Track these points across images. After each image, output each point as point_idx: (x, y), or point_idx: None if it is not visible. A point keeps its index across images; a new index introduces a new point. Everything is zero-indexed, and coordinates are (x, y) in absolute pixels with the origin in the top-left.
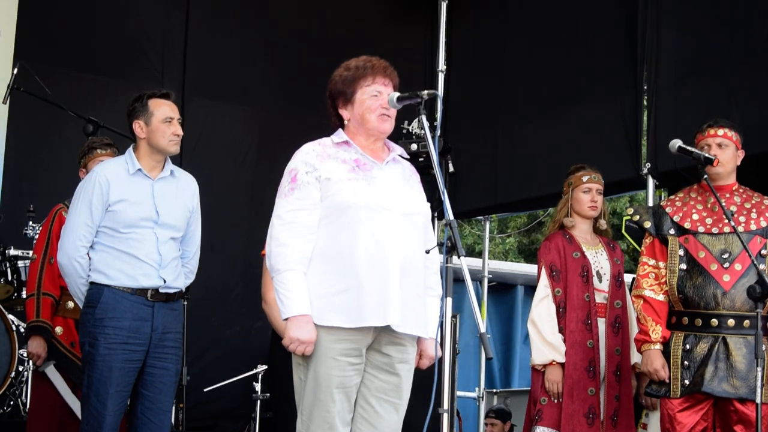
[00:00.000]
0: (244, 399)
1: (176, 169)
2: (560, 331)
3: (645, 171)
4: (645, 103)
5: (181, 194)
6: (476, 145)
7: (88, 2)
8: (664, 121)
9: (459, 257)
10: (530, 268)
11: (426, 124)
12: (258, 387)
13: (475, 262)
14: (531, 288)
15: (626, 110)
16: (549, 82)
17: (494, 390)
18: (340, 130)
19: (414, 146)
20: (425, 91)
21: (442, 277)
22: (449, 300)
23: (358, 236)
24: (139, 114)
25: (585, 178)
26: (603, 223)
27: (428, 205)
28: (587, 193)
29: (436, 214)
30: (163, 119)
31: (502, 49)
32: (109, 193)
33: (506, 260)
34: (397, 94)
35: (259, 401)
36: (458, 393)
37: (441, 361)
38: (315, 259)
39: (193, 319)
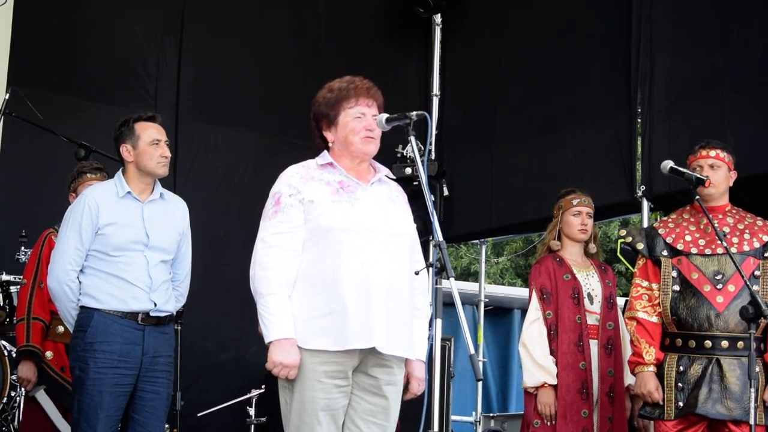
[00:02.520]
0: (239, 424)
1: (166, 192)
2: (552, 353)
3: (639, 194)
4: (639, 126)
5: (171, 217)
6: (471, 169)
7: (80, 27)
8: (659, 143)
9: (448, 278)
10: (527, 292)
11: (415, 145)
12: (252, 411)
13: (472, 287)
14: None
15: (620, 133)
16: (543, 106)
17: (491, 414)
18: (324, 152)
19: (408, 170)
20: (414, 113)
21: (433, 299)
22: (439, 321)
23: (342, 258)
24: (125, 138)
25: (575, 202)
26: (593, 247)
27: (414, 225)
28: (577, 216)
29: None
30: (149, 142)
31: (496, 72)
32: (99, 217)
33: (502, 280)
34: (386, 115)
35: (253, 426)
36: (455, 417)
37: (431, 382)
38: (299, 281)
39: (187, 344)
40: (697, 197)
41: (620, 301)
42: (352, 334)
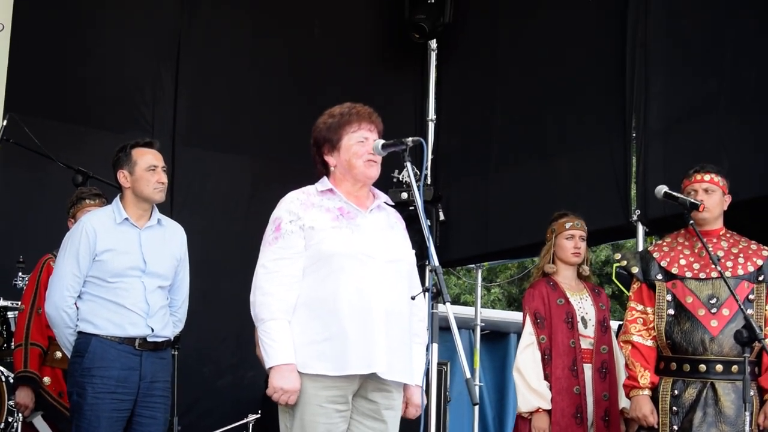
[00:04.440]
0: None
1: (163, 217)
2: (546, 378)
3: (635, 218)
4: (634, 150)
5: (168, 243)
6: (466, 194)
7: (77, 54)
8: (653, 168)
9: (444, 303)
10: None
11: (411, 170)
12: None
13: (468, 311)
14: None
15: (615, 158)
16: (538, 130)
17: None
18: (324, 178)
19: (404, 195)
20: (410, 138)
21: (429, 324)
22: (435, 346)
23: (342, 284)
24: (123, 164)
25: (568, 225)
26: (586, 269)
27: (413, 251)
28: (570, 240)
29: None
30: (146, 167)
31: (491, 97)
32: (96, 243)
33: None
34: (382, 141)
35: None
36: None
37: (428, 407)
38: (300, 307)
39: (184, 369)
40: (692, 222)
41: (613, 324)
42: (351, 359)
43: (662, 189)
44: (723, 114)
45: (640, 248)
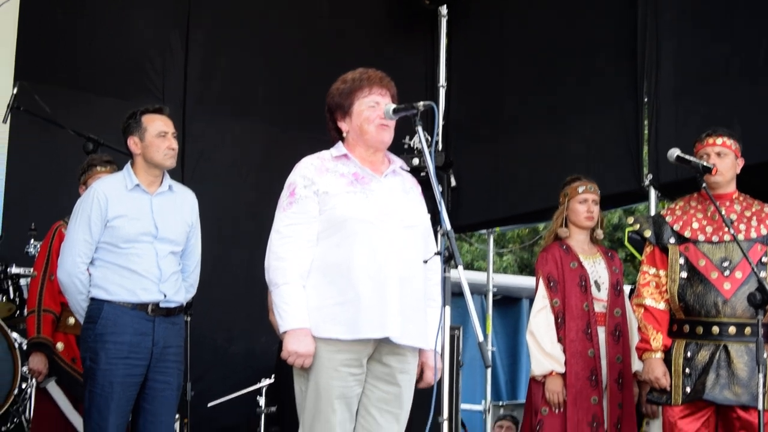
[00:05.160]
0: (249, 414)
1: (174, 183)
2: (559, 341)
3: (647, 183)
4: (646, 114)
5: (179, 209)
6: (478, 159)
7: (87, 22)
8: (665, 132)
9: (456, 267)
10: (534, 282)
11: (422, 135)
12: (262, 401)
13: (480, 276)
14: None
15: (627, 122)
16: (549, 95)
17: (501, 403)
18: (339, 143)
19: (415, 161)
20: (421, 103)
21: (441, 287)
22: (448, 309)
23: (356, 249)
24: (133, 130)
25: (581, 189)
26: (600, 233)
27: (428, 216)
28: (583, 204)
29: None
30: (156, 134)
31: (502, 63)
32: (108, 209)
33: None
34: (393, 105)
35: (263, 415)
36: (464, 406)
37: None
38: (313, 271)
39: (197, 336)
40: (704, 185)
41: (626, 288)
42: (365, 323)
43: (675, 152)
44: (735, 77)
45: (653, 212)
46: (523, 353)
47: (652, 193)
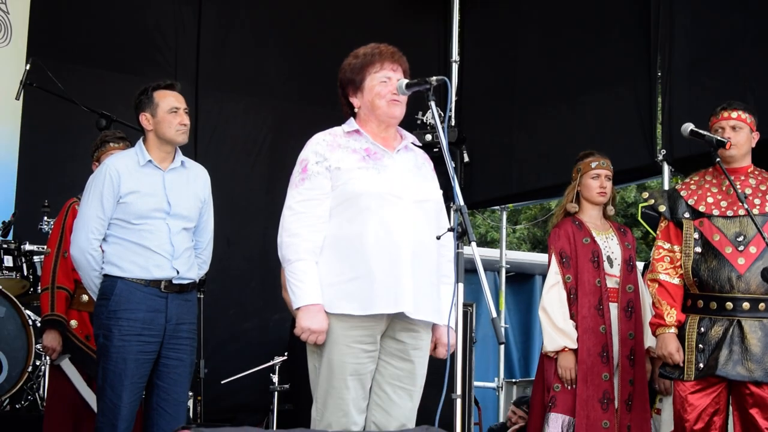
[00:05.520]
0: (262, 391)
1: (187, 160)
2: (572, 317)
3: (660, 157)
4: (659, 89)
5: (192, 185)
6: (491, 135)
7: None
8: (679, 107)
9: (469, 243)
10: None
11: (435, 110)
12: (275, 378)
13: (493, 253)
14: None
15: (640, 97)
16: (562, 71)
17: (514, 380)
18: (351, 119)
19: (428, 137)
20: (434, 78)
21: (454, 263)
22: (461, 286)
23: (369, 224)
24: (145, 106)
25: (594, 164)
26: (611, 209)
27: (440, 192)
28: (596, 179)
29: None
30: (168, 110)
31: (515, 38)
32: (120, 185)
33: (519, 250)
34: (406, 80)
35: (276, 393)
36: (478, 383)
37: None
38: (326, 248)
39: (210, 313)
40: (718, 159)
41: (639, 265)
42: (378, 298)
43: (688, 127)
44: (749, 51)
45: (666, 188)
46: (536, 330)
47: (666, 168)
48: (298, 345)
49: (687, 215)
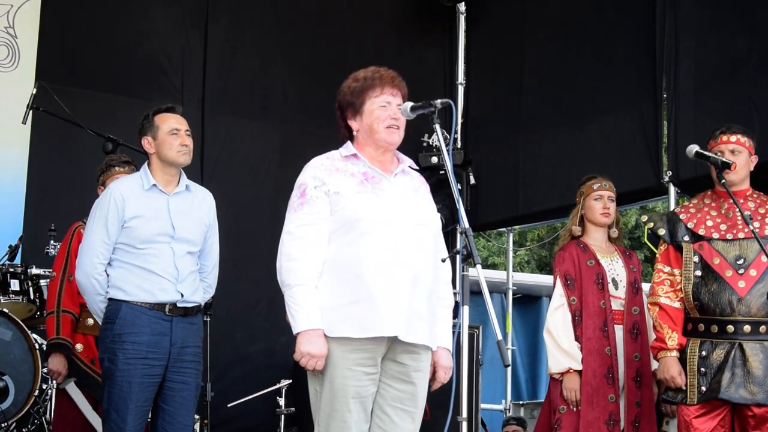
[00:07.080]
0: (269, 414)
1: (192, 183)
2: (577, 339)
3: (666, 179)
4: (665, 111)
5: (197, 208)
6: (497, 157)
7: (107, 23)
8: (685, 128)
9: (474, 265)
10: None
11: (440, 133)
12: (282, 402)
13: (500, 275)
14: None
15: (646, 119)
16: (568, 93)
17: (521, 402)
18: (348, 143)
19: (434, 159)
20: (439, 101)
21: (460, 286)
22: (466, 308)
23: (367, 248)
24: (146, 130)
25: (596, 186)
26: (615, 231)
27: (438, 215)
28: (599, 201)
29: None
30: (168, 131)
31: (521, 60)
32: (125, 209)
33: (522, 272)
34: (411, 103)
35: (282, 416)
36: (485, 405)
37: (459, 369)
38: (325, 272)
39: (217, 336)
40: (723, 181)
41: (645, 287)
42: (377, 321)
43: (693, 148)
44: (754, 73)
45: (672, 209)
46: (543, 352)
47: (672, 190)
48: (302, 368)
49: (687, 238)
